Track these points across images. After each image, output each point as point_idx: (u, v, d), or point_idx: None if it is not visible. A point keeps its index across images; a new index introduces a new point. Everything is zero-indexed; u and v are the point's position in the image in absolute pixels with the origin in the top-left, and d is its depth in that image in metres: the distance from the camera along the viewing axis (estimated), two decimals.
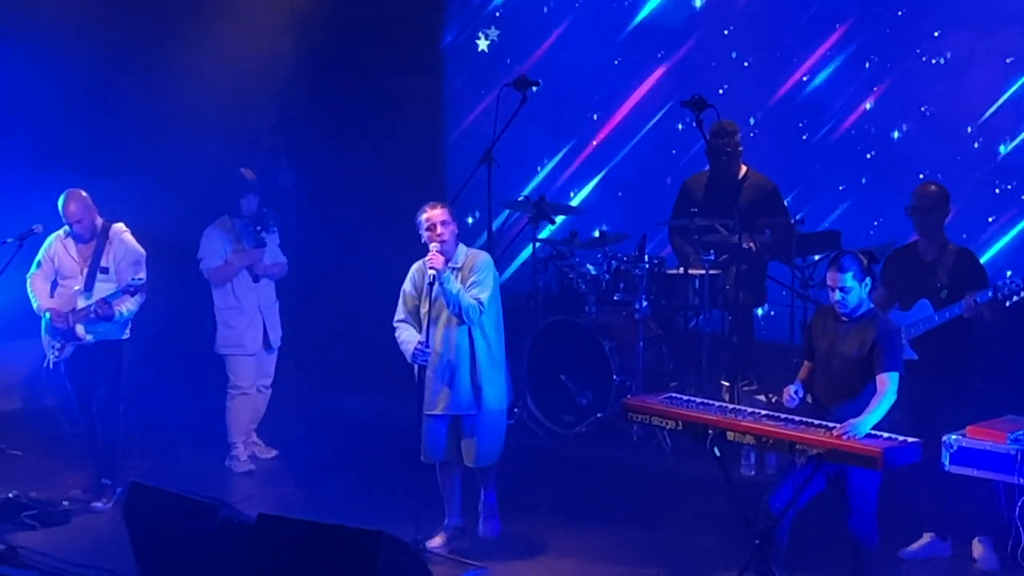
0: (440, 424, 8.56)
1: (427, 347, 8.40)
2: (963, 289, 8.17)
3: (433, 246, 8.34)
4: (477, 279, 8.42)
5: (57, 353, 9.46)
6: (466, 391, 8.48)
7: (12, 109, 11.02)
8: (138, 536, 8.00)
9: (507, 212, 11.85)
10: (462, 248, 8.55)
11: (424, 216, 8.41)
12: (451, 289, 8.31)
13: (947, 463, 7.66)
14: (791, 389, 7.66)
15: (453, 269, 8.44)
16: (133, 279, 9.28)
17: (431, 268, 8.31)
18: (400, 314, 8.62)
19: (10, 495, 9.12)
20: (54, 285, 9.55)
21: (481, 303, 8.37)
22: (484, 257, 8.58)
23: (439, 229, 8.35)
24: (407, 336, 8.53)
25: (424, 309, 8.50)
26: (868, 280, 7.55)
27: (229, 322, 10.34)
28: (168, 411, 10.64)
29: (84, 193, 9.47)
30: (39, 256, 9.58)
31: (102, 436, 9.56)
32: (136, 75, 11.40)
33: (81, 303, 9.37)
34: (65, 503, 9.29)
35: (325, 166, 12.28)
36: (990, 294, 8.04)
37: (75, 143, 11.00)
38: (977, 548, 8.24)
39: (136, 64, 11.40)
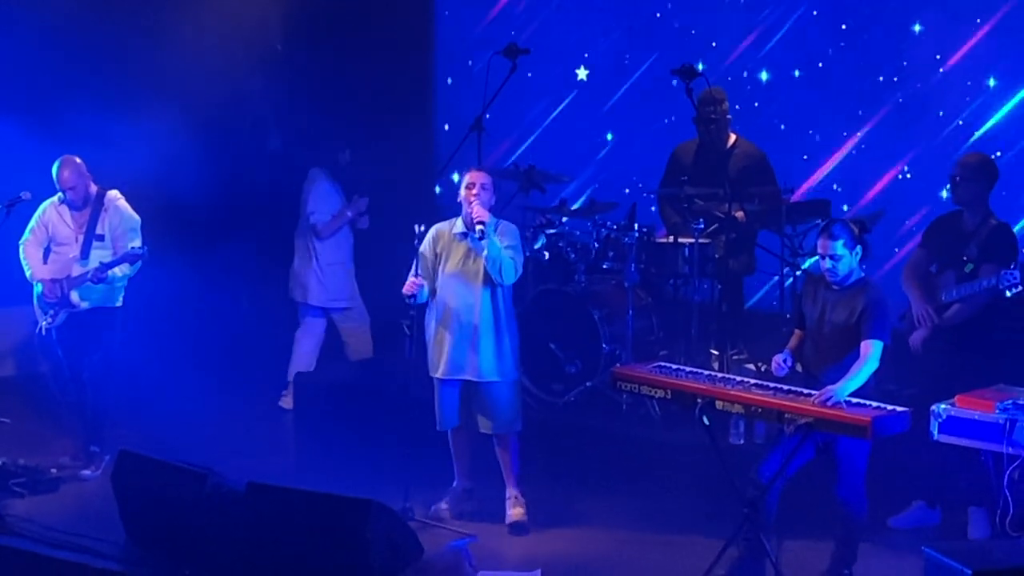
0: (455, 389, 8.60)
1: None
2: (990, 263, 8.11)
3: (474, 202, 8.35)
4: (510, 244, 8.47)
5: (50, 320, 9.43)
6: (489, 357, 8.52)
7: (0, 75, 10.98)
8: (126, 504, 8.03)
9: None
10: (492, 218, 8.57)
11: (467, 176, 8.46)
12: (496, 243, 8.35)
13: (936, 432, 7.64)
14: (780, 358, 7.66)
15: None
16: (133, 248, 9.24)
17: (479, 222, 8.31)
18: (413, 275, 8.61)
19: None
20: (47, 251, 9.52)
21: (517, 265, 8.43)
22: (514, 227, 8.65)
23: (477, 189, 8.38)
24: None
25: (451, 266, 8.51)
26: (859, 248, 7.53)
27: (343, 277, 10.84)
28: (159, 379, 10.62)
29: (79, 160, 9.43)
30: (32, 222, 9.54)
31: (92, 403, 9.54)
32: (125, 40, 11.34)
33: (77, 270, 9.34)
34: (54, 470, 9.28)
35: (313, 133, 12.24)
36: (1006, 278, 7.92)
37: (64, 108, 10.95)
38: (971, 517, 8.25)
39: (125, 29, 11.34)
